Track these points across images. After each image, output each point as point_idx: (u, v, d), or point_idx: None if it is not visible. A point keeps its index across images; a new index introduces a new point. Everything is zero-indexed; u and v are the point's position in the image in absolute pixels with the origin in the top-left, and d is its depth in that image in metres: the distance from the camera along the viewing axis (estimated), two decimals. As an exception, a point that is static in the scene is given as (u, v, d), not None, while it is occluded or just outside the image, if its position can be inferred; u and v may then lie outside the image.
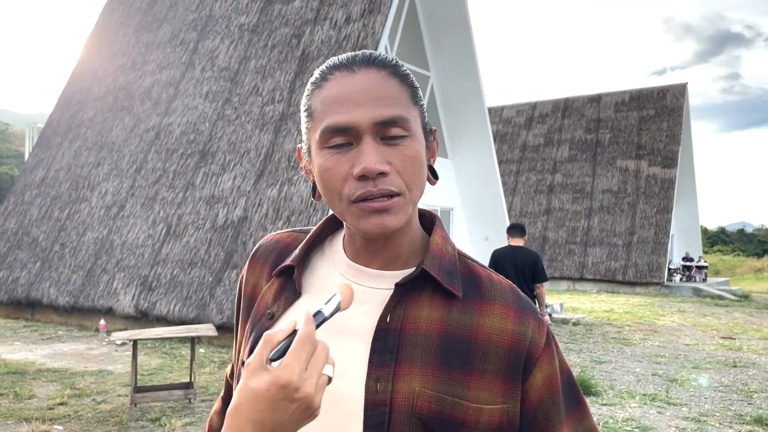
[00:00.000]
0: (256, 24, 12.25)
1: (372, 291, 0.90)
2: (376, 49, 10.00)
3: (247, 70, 11.72)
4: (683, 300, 19.27)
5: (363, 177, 0.82)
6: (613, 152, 25.76)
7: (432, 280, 0.89)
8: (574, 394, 0.93)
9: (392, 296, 0.87)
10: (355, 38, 10.79)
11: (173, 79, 12.73)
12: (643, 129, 25.38)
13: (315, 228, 1.00)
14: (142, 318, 10.18)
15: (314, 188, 0.93)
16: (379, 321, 0.86)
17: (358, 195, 0.83)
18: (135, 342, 5.86)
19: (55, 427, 5.34)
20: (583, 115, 27.27)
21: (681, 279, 24.50)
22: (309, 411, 0.68)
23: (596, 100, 27.33)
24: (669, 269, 23.74)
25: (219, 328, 9.39)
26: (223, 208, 10.41)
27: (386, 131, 0.83)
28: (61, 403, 6.04)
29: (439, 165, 13.56)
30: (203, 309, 9.57)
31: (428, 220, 0.99)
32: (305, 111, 0.90)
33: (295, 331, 0.70)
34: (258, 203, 10.09)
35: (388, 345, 0.84)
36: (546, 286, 8.05)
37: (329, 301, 0.76)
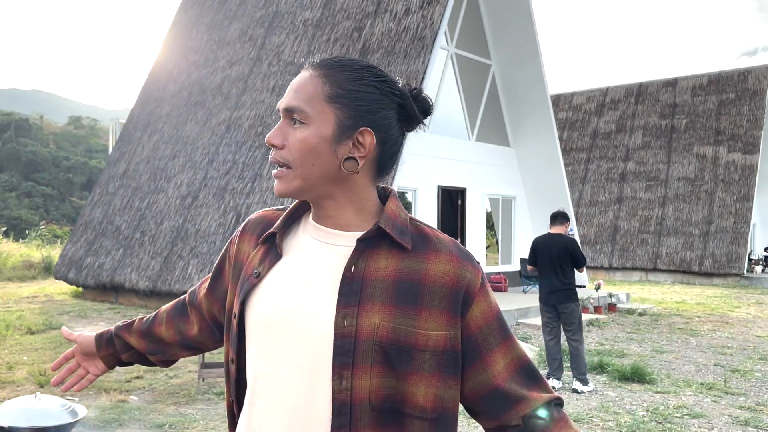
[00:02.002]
0: (320, 19, 12.60)
1: (336, 246, 1.11)
2: (434, 40, 10.15)
3: (311, 64, 12.10)
4: (763, 292, 18.43)
5: (268, 144, 1.10)
6: (689, 138, 24.78)
7: (388, 237, 1.09)
8: (505, 329, 1.13)
9: (354, 250, 1.07)
10: (413, 29, 10.95)
11: (242, 75, 13.29)
12: (723, 113, 24.28)
13: (294, 203, 1.22)
14: (214, 302, 10.79)
15: None
16: (344, 270, 1.06)
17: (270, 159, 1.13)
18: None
19: (131, 397, 5.86)
20: (658, 100, 26.33)
21: (763, 270, 23.37)
22: None
23: (672, 84, 26.32)
24: (750, 260, 22.70)
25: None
26: (286, 198, 10.84)
27: (291, 116, 1.09)
28: (137, 377, 6.58)
29: (501, 153, 13.58)
30: (269, 294, 10.05)
31: (384, 193, 1.19)
32: None
33: None
34: (320, 193, 10.48)
35: (352, 289, 1.05)
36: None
37: None
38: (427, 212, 11.91)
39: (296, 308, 1.07)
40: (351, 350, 1.02)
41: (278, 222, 1.18)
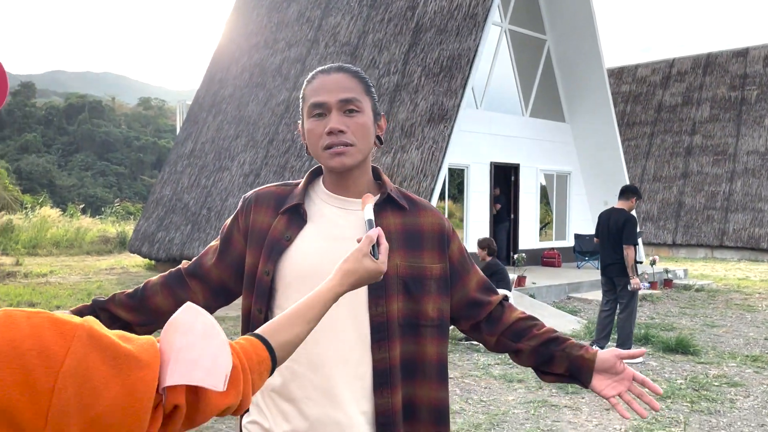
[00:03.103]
0: (374, -1, 12.85)
1: (355, 210, 1.42)
2: (485, 17, 10.29)
3: (366, 44, 12.40)
4: (835, 269, 17.73)
5: (330, 133, 1.36)
6: (760, 110, 23.78)
7: (391, 201, 1.44)
8: (470, 258, 1.55)
9: (374, 211, 1.36)
10: (466, 7, 11.07)
11: (300, 56, 13.73)
12: (797, 83, 23.16)
13: (304, 179, 1.50)
14: (275, 274, 11.38)
15: (307, 147, 1.48)
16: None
17: (327, 143, 1.37)
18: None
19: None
20: (727, 71, 25.32)
21: (838, 247, 22.34)
22: (380, 278, 1.21)
23: (742, 54, 25.24)
24: (824, 237, 21.76)
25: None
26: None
27: (346, 106, 1.37)
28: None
29: (556, 129, 13.58)
30: (326, 266, 10.55)
31: (375, 169, 1.52)
32: (301, 97, 1.47)
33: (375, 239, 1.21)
34: (374, 170, 10.85)
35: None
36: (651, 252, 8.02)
37: (368, 214, 1.28)
38: (479, 188, 12.11)
39: (332, 259, 1.30)
40: (383, 284, 1.36)
41: (298, 195, 1.45)
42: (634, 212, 13.48)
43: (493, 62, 12.41)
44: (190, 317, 0.82)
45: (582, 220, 14.09)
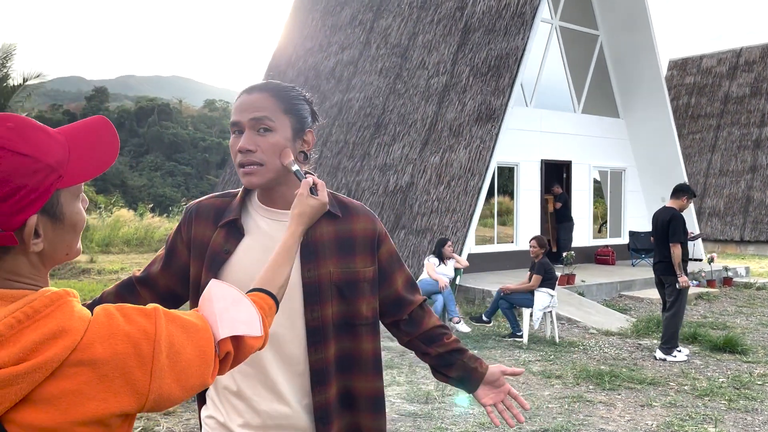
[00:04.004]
0: (424, 0, 13.05)
1: (284, 223, 1.47)
2: (533, 16, 10.35)
3: (416, 46, 12.62)
4: None
5: (241, 151, 1.43)
6: (836, 100, 22.60)
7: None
8: (400, 259, 1.65)
9: None
10: (514, 6, 11.13)
11: (353, 58, 14.07)
12: None
13: (240, 193, 1.57)
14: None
15: None
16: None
17: (238, 161, 1.45)
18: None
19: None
20: (799, 60, 24.16)
21: None
22: (325, 209, 1.42)
23: (816, 40, 24.01)
24: None
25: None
26: (393, 175, 11.55)
27: (257, 125, 1.43)
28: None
29: (609, 125, 13.44)
30: (377, 264, 10.85)
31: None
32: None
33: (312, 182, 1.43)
34: (423, 170, 11.05)
35: (309, 250, 1.50)
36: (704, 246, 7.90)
37: (295, 169, 1.45)
38: (529, 186, 12.14)
39: None
40: (317, 292, 1.48)
41: (235, 209, 1.53)
42: (692, 210, 13.21)
43: (543, 60, 12.39)
44: (220, 290, 1.10)
45: (637, 217, 13.87)
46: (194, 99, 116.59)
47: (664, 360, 6.56)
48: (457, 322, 7.57)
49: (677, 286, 6.57)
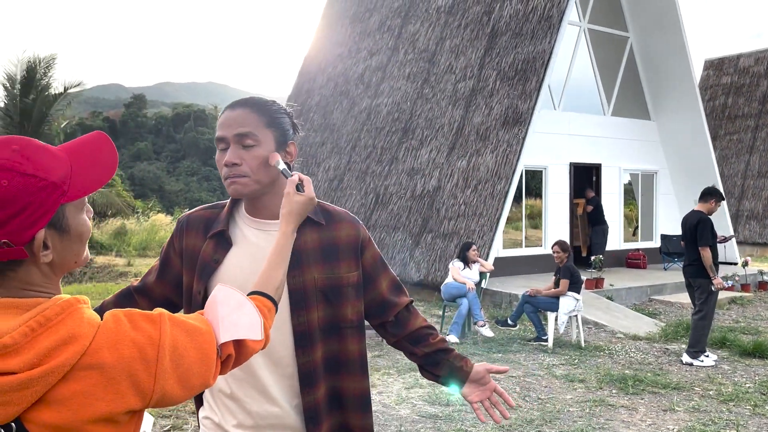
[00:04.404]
0: (451, 5, 13.12)
1: (273, 231, 1.55)
2: (560, 19, 10.35)
3: (443, 50, 12.69)
4: None
5: (227, 165, 1.50)
6: None
7: (308, 219, 1.58)
8: (384, 262, 1.71)
9: None
10: (541, 9, 11.12)
11: (381, 64, 14.21)
12: None
13: (227, 204, 1.64)
14: (357, 275, 11.89)
15: None
16: None
17: (224, 174, 1.52)
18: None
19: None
20: (842, 57, 23.46)
21: None
22: (313, 205, 1.46)
23: None
24: None
25: (417, 284, 10.69)
26: (420, 179, 11.63)
27: (242, 140, 1.50)
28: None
29: (640, 127, 13.31)
30: (404, 267, 10.93)
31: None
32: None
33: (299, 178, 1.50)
34: (450, 174, 11.11)
35: (294, 258, 1.54)
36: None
37: (282, 168, 1.50)
38: (557, 189, 12.09)
39: (255, 280, 1.43)
40: (303, 298, 1.55)
41: (222, 221, 1.61)
42: (725, 212, 12.98)
43: (571, 63, 12.34)
44: (224, 295, 1.17)
45: (669, 221, 13.68)
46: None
47: (691, 365, 6.50)
48: (482, 326, 7.61)
49: (712, 288, 6.53)
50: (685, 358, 6.56)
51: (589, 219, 12.65)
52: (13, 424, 0.93)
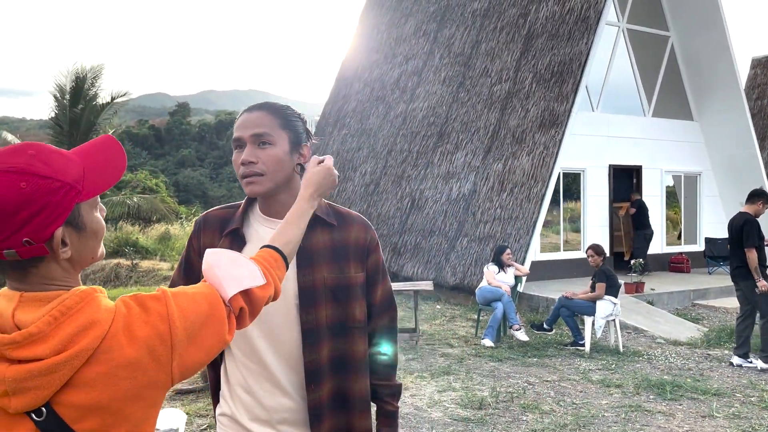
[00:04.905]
0: (487, 8, 13.08)
1: None
2: (598, 20, 10.24)
3: (478, 54, 12.65)
4: None
5: (243, 163, 1.56)
6: None
7: (320, 219, 1.64)
8: (385, 270, 1.75)
9: None
10: (578, 11, 11.00)
11: (417, 68, 14.25)
12: None
13: (243, 204, 1.71)
14: (394, 278, 11.91)
15: None
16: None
17: (242, 173, 1.58)
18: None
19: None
20: None
21: None
22: (335, 178, 1.55)
23: None
24: None
25: (453, 288, 10.66)
26: (456, 183, 11.61)
27: (258, 140, 1.56)
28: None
29: (682, 128, 13.03)
30: (440, 271, 10.92)
31: None
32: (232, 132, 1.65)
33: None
34: (485, 177, 11.06)
35: (305, 257, 1.61)
36: None
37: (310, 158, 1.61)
38: (596, 192, 11.91)
39: None
40: (312, 295, 1.60)
41: (237, 219, 1.67)
42: (773, 214, 12.57)
43: (610, 63, 12.15)
44: (215, 256, 1.23)
45: (714, 223, 13.32)
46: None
47: (741, 366, 6.37)
48: (517, 330, 7.55)
49: (756, 291, 6.41)
50: (759, 363, 6.45)
51: (633, 223, 12.36)
52: (43, 408, 0.99)
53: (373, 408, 1.77)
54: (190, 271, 1.73)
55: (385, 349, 1.76)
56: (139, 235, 23.45)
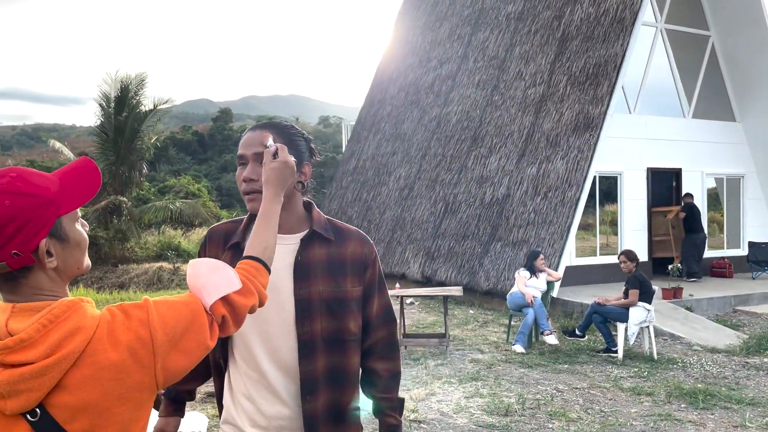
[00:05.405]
0: (521, 11, 13.00)
1: (285, 245, 1.68)
2: (633, 21, 10.10)
3: (512, 57, 12.59)
4: None
5: (245, 180, 1.63)
6: None
7: (318, 235, 1.71)
8: (383, 284, 1.79)
9: (300, 245, 1.69)
10: (613, 12, 10.85)
11: (451, 72, 14.25)
12: None
13: (245, 219, 1.77)
14: (427, 283, 11.95)
15: None
16: (295, 259, 1.67)
17: (243, 189, 1.65)
18: (401, 298, 7.40)
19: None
20: None
21: None
22: (293, 168, 1.55)
23: None
24: None
25: (486, 293, 10.63)
26: (489, 187, 11.57)
27: (259, 159, 1.61)
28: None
29: (724, 129, 12.73)
30: (473, 276, 10.90)
31: (308, 205, 1.79)
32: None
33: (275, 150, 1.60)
34: (519, 181, 10.99)
35: (302, 270, 1.67)
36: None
37: (269, 144, 1.59)
38: (634, 196, 11.71)
39: (268, 287, 1.63)
40: (308, 308, 1.66)
41: (239, 233, 1.74)
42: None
43: (647, 64, 11.94)
44: (197, 266, 1.30)
45: (757, 227, 12.93)
46: (310, 116, 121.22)
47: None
48: (547, 335, 7.50)
49: None
50: None
51: (684, 227, 11.84)
52: (37, 409, 1.09)
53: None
54: None
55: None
56: (181, 239, 23.99)
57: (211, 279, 1.26)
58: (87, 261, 1.25)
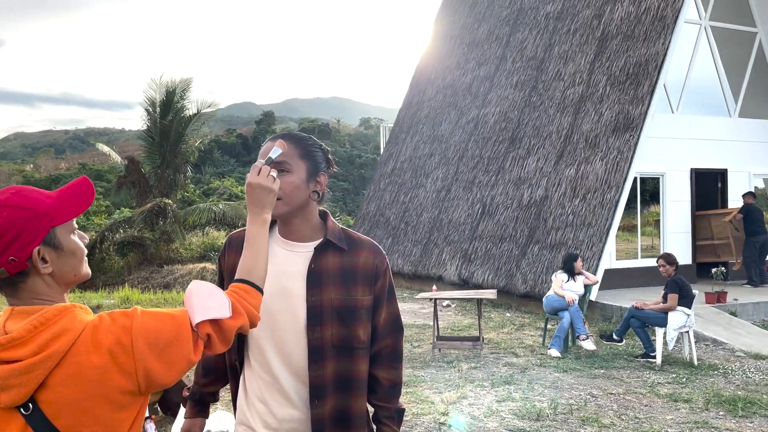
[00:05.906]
0: (560, 11, 12.85)
1: (299, 252, 1.76)
2: (675, 19, 9.90)
3: (551, 57, 12.45)
4: None
5: None
6: None
7: (331, 244, 1.77)
8: (393, 294, 1.84)
9: (314, 253, 1.75)
10: (654, 10, 10.63)
11: (489, 73, 14.17)
12: None
13: None
14: (464, 285, 11.91)
15: None
16: (308, 266, 1.74)
17: None
18: (435, 300, 7.42)
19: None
20: None
21: None
22: (269, 187, 1.56)
23: None
24: None
25: (523, 296, 10.54)
26: (527, 189, 11.47)
27: (277, 168, 1.67)
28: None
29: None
30: (511, 279, 10.82)
31: (323, 214, 1.86)
32: None
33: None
34: (557, 183, 10.87)
35: (315, 278, 1.73)
36: None
37: (274, 151, 1.64)
38: (677, 197, 11.44)
39: (281, 293, 1.70)
40: (319, 314, 1.72)
41: None
42: None
43: (690, 63, 11.65)
44: (197, 287, 1.37)
45: (810, 229, 12.45)
46: (351, 118, 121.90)
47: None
48: (583, 340, 7.40)
49: None
50: None
51: (746, 229, 11.35)
52: (30, 404, 1.19)
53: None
54: (222, 287, 1.84)
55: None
56: (225, 240, 24.41)
57: (204, 301, 1.33)
58: (85, 269, 1.34)
